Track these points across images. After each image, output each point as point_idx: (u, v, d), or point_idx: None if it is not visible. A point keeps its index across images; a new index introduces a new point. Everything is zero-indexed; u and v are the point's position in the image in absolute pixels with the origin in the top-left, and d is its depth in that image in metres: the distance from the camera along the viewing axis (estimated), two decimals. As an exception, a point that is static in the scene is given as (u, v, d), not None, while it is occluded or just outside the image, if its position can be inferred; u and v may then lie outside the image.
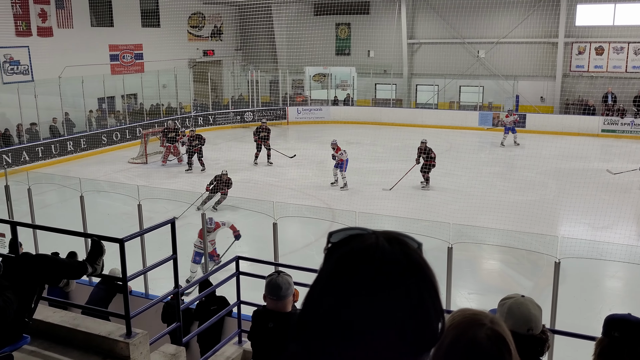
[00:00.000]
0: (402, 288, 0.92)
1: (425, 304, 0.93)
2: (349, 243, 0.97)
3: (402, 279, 0.92)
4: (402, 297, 0.91)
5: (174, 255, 4.62)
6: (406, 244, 0.97)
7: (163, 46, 24.64)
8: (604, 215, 12.62)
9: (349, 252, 0.95)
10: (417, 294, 0.93)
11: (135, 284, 8.16)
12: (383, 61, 27.76)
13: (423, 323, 0.93)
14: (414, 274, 0.94)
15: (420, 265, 0.95)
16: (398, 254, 0.94)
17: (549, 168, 17.82)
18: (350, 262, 0.94)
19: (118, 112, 23.82)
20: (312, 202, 14.15)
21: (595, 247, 8.43)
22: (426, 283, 0.95)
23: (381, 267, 0.92)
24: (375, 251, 0.93)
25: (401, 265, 0.93)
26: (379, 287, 0.91)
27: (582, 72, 24.85)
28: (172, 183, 16.73)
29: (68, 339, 4.24)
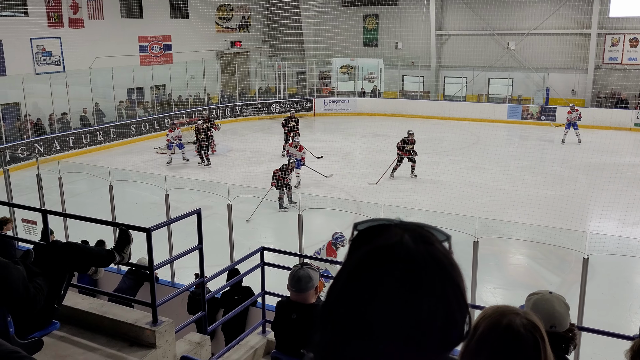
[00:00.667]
0: (424, 288, 0.89)
1: (450, 304, 0.91)
2: (373, 239, 0.94)
3: (425, 280, 0.89)
4: (424, 298, 0.89)
5: (200, 245, 4.67)
6: (431, 241, 0.94)
7: (191, 37, 24.84)
8: (635, 211, 12.35)
9: (372, 250, 0.92)
10: (440, 294, 0.90)
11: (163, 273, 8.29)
12: (411, 53, 27.52)
13: (447, 323, 0.91)
14: (438, 274, 0.91)
15: (444, 265, 0.92)
16: (422, 253, 0.91)
17: (579, 162, 17.49)
18: (372, 261, 0.92)
19: (147, 102, 24.12)
20: (337, 194, 14.14)
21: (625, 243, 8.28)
22: (451, 283, 0.92)
23: (404, 267, 0.89)
24: (399, 250, 0.91)
25: (425, 265, 0.90)
26: (401, 287, 0.89)
27: (616, 64, 24.28)
28: (199, 173, 16.89)
29: (96, 325, 4.33)
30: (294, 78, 28.70)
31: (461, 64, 26.53)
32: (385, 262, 0.90)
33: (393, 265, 0.90)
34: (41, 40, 20.64)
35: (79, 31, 21.59)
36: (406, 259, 0.90)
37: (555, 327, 2.39)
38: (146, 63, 24.30)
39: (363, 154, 19.62)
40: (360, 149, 20.28)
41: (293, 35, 29.01)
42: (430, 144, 20.67)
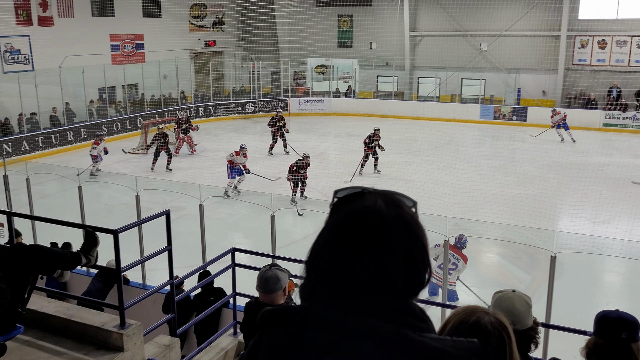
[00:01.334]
0: (395, 245, 1.05)
1: (415, 258, 1.07)
2: (350, 203, 1.10)
3: (396, 238, 1.06)
4: (394, 253, 1.05)
5: (169, 246, 4.62)
6: (401, 205, 1.10)
7: (164, 36, 24.59)
8: (603, 209, 12.62)
9: (350, 212, 1.08)
10: (408, 250, 1.06)
11: (134, 275, 8.19)
12: (385, 53, 27.66)
13: (412, 274, 1.07)
14: (406, 233, 1.07)
15: (411, 226, 1.08)
16: (393, 215, 1.07)
17: (549, 162, 17.78)
18: (349, 220, 1.07)
19: (119, 102, 23.80)
20: (311, 194, 14.14)
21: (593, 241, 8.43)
22: (416, 241, 1.08)
23: (378, 227, 1.05)
24: (373, 212, 1.06)
25: (395, 225, 1.06)
26: (375, 244, 1.04)
27: (585, 65, 24.75)
28: (172, 174, 16.72)
29: (62, 329, 4.25)
30: (268, 78, 28.62)
31: (434, 64, 26.77)
32: (362, 223, 1.06)
33: (368, 225, 1.05)
34: (9, 39, 20.21)
35: (48, 29, 21.21)
36: (379, 220, 1.06)
37: (515, 324, 2.43)
38: (118, 62, 23.97)
39: (337, 154, 19.67)
40: (335, 149, 20.32)
41: (267, 35, 28.93)
42: (404, 143, 20.81)
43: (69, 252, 3.94)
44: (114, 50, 24.10)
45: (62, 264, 3.87)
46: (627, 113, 22.85)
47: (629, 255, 8.20)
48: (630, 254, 8.28)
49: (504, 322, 1.45)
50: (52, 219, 4.55)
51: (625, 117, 22.85)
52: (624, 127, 22.75)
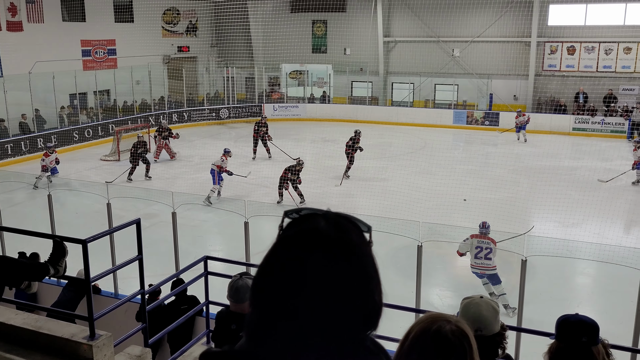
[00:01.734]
0: (341, 271, 0.99)
1: (363, 285, 1.01)
2: (298, 225, 1.04)
3: (340, 262, 0.99)
4: (339, 278, 0.99)
5: (140, 255, 4.56)
6: (349, 229, 1.04)
7: (137, 42, 24.33)
8: (573, 212, 12.83)
9: (294, 235, 1.02)
10: (356, 276, 1.00)
11: (106, 284, 8.06)
12: (359, 59, 27.81)
13: (361, 302, 1.01)
14: (351, 257, 1.01)
15: (355, 252, 1.02)
16: (340, 239, 1.01)
17: (521, 166, 18.05)
18: (290, 245, 1.02)
19: (90, 108, 23.48)
20: (286, 200, 14.11)
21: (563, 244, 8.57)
22: (362, 268, 1.02)
23: (322, 251, 0.99)
24: (318, 235, 1.00)
25: (340, 249, 1.00)
26: (319, 269, 0.98)
27: (554, 71, 25.23)
28: (144, 181, 16.53)
29: (30, 341, 4.15)
30: (242, 83, 28.54)
31: (408, 70, 27.02)
32: (301, 246, 1.00)
33: (307, 249, 0.99)
34: (-23, 44, 19.82)
35: (17, 35, 20.83)
36: (325, 243, 1.00)
37: (481, 330, 2.45)
38: (89, 68, 23.65)
39: (313, 159, 19.66)
40: (310, 155, 20.30)
41: (242, 40, 28.86)
42: (379, 149, 20.92)
43: (36, 263, 3.87)
44: (85, 55, 23.78)
45: (29, 275, 3.79)
46: (595, 118, 23.33)
47: (598, 258, 8.36)
48: (600, 256, 8.43)
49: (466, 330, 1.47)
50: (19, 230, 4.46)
51: (594, 122, 23.33)
52: (592, 132, 23.21)
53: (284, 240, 1.04)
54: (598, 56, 24.49)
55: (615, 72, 24.29)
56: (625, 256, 7.30)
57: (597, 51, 24.46)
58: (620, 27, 23.70)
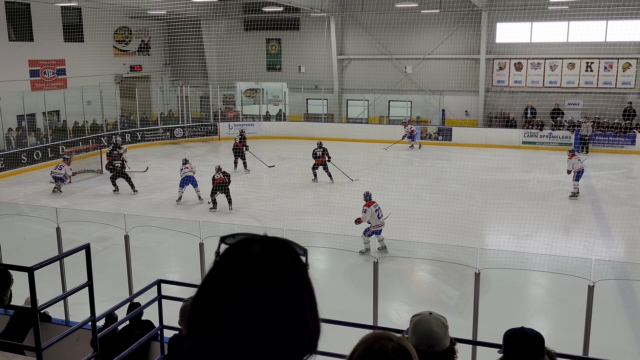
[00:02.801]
0: (272, 295, 0.99)
1: (295, 308, 1.01)
2: (233, 250, 1.04)
3: (273, 287, 0.99)
4: (272, 304, 0.99)
5: (90, 282, 4.44)
6: (283, 253, 1.04)
7: (87, 61, 23.87)
8: (525, 224, 13.17)
9: (228, 261, 1.03)
10: (288, 299, 1.00)
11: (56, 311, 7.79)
12: (314, 76, 28.03)
13: (297, 327, 1.00)
14: (285, 282, 1.01)
15: (289, 274, 1.02)
16: (265, 263, 1.01)
17: (473, 179, 18.43)
18: (228, 271, 1.02)
19: (39, 130, 22.84)
20: (243, 219, 14.01)
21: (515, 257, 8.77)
22: (296, 291, 1.02)
23: (255, 276, 0.99)
24: (251, 261, 1.01)
25: (273, 273, 1.00)
26: (253, 295, 0.98)
27: (503, 87, 26.00)
28: (96, 203, 16.14)
29: (-27, 376, 3.97)
30: (197, 102, 28.34)
31: (362, 87, 27.38)
32: (234, 273, 1.00)
33: (240, 276, 1.00)
34: None
35: (-40, 55, 20.19)
36: (252, 269, 1.00)
37: (433, 347, 2.48)
38: (38, 88, 23.05)
39: (269, 177, 19.62)
40: (267, 173, 20.27)
41: (195, 59, 28.70)
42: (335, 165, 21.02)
43: (-22, 294, 3.71)
44: (33, 76, 23.17)
45: (-29, 307, 3.63)
46: (543, 131, 24.09)
47: (550, 269, 8.58)
48: (551, 267, 8.66)
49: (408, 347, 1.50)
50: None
51: (542, 135, 24.09)
52: (541, 145, 23.95)
53: (218, 266, 1.04)
54: (544, 72, 25.39)
55: (560, 87, 25.22)
56: (575, 266, 7.52)
57: (542, 67, 25.36)
58: (564, 44, 24.68)
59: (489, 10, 24.86)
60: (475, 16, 25.07)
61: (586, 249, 11.73)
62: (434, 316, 2.57)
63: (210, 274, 1.04)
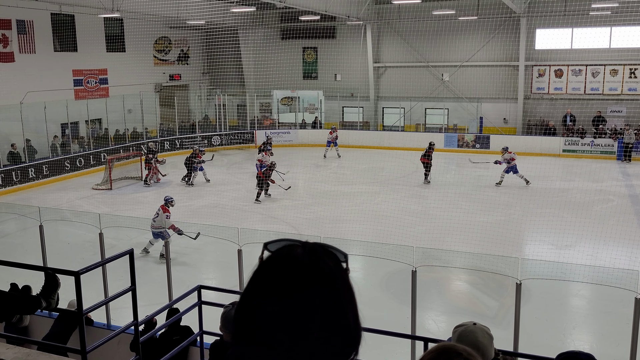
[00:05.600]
0: (313, 297, 1.01)
1: (341, 313, 1.03)
2: (276, 255, 1.07)
3: (315, 290, 1.02)
4: (316, 306, 1.01)
5: (133, 286, 4.52)
6: (321, 256, 1.06)
7: (128, 71, 24.46)
8: (566, 234, 12.87)
9: (272, 264, 1.06)
10: (332, 304, 1.02)
11: (99, 315, 7.96)
12: (350, 84, 28.07)
13: (340, 330, 1.03)
14: (329, 286, 1.03)
15: (332, 277, 1.04)
16: (309, 266, 1.03)
17: (512, 188, 18.12)
18: (272, 275, 1.04)
19: (82, 137, 23.46)
20: (279, 226, 14.08)
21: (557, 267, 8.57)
22: (339, 296, 1.04)
23: (299, 279, 1.02)
24: (295, 264, 1.03)
25: (316, 276, 1.03)
26: (297, 298, 1.00)
27: (543, 94, 25.53)
28: (137, 209, 16.46)
29: (21, 376, 4.08)
30: (234, 110, 28.67)
31: (399, 94, 27.25)
32: (278, 276, 1.03)
33: (285, 279, 1.02)
34: (-32, 75, 19.84)
35: (9, 65, 20.89)
36: (296, 272, 1.02)
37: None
38: (81, 97, 23.70)
39: (305, 184, 19.69)
40: (302, 180, 20.34)
41: (233, 67, 29.09)
42: (371, 173, 20.99)
43: (28, 296, 3.82)
44: (76, 85, 23.85)
45: (21, 309, 3.74)
46: (585, 139, 23.54)
47: (593, 280, 8.35)
48: (594, 278, 8.42)
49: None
50: (10, 262, 4.42)
51: (584, 143, 23.54)
52: (582, 153, 23.41)
53: (264, 270, 1.06)
54: (585, 79, 24.84)
55: (602, 94, 24.63)
56: (619, 277, 7.31)
57: (584, 74, 24.82)
58: (606, 50, 24.11)
59: (528, 16, 24.50)
60: (514, 22, 24.72)
61: (631, 260, 11.40)
62: (478, 327, 2.53)
63: (256, 278, 1.07)
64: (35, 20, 21.57)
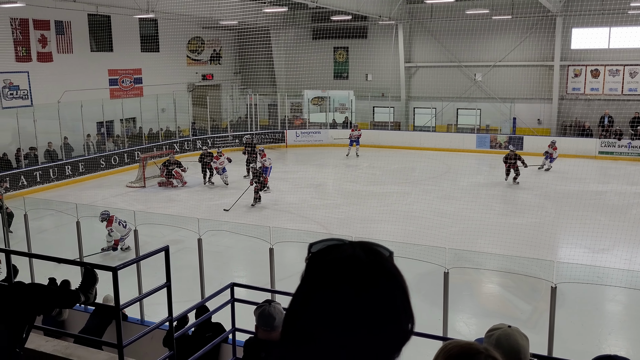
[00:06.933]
0: (376, 294, 1.01)
1: (397, 308, 1.03)
2: (328, 254, 1.06)
3: (377, 286, 1.02)
4: (375, 302, 1.01)
5: (168, 282, 4.59)
6: (381, 254, 1.06)
7: (162, 70, 24.84)
8: (602, 237, 12.59)
9: (328, 263, 1.04)
10: (389, 299, 1.02)
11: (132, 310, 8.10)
12: (381, 84, 27.97)
13: (394, 325, 1.03)
14: (388, 281, 1.04)
15: (392, 273, 1.05)
16: (373, 263, 1.04)
17: (546, 190, 17.81)
18: (329, 272, 1.03)
19: (117, 136, 23.91)
20: (310, 225, 14.12)
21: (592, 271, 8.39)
22: (398, 289, 1.04)
23: (359, 278, 1.01)
24: (353, 261, 1.03)
25: (376, 273, 1.03)
26: (355, 294, 1.00)
27: (579, 94, 25.02)
28: (170, 207, 16.70)
29: (60, 368, 4.19)
30: (265, 110, 28.85)
31: (430, 95, 27.03)
32: (341, 274, 1.02)
33: (348, 275, 1.01)
34: (8, 75, 20.40)
35: (47, 65, 21.42)
36: (360, 269, 1.02)
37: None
38: (116, 96, 24.16)
39: (335, 184, 19.69)
40: (333, 180, 20.35)
41: (264, 67, 29.27)
42: (402, 173, 20.88)
43: (67, 291, 3.91)
44: (112, 84, 24.33)
45: (60, 303, 3.84)
46: (622, 141, 23.00)
47: (629, 285, 8.16)
48: (630, 283, 8.23)
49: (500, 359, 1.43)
50: (51, 257, 4.54)
51: (621, 145, 23.01)
52: (619, 155, 22.88)
53: (317, 269, 1.05)
54: (623, 79, 24.26)
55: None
56: (657, 283, 7.12)
57: (621, 74, 24.24)
58: (645, 50, 23.51)
59: (564, 15, 24.04)
60: (550, 22, 24.29)
61: (670, 265, 11.09)
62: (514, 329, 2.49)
63: (309, 277, 1.05)
64: (72, 21, 22.07)
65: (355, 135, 24.20)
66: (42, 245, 11.53)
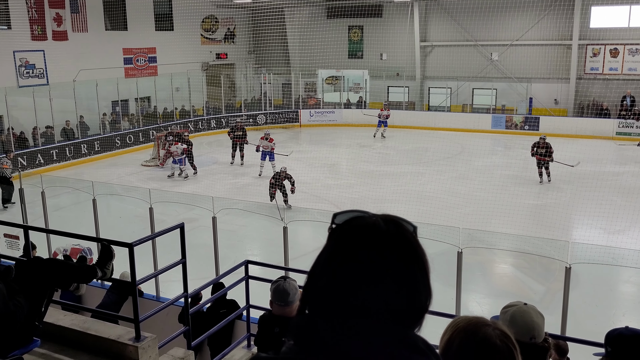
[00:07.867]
0: (396, 265, 1.01)
1: (417, 281, 1.02)
2: (350, 222, 1.06)
3: (397, 257, 1.01)
4: (396, 274, 1.01)
5: (183, 259, 4.65)
6: (402, 226, 1.06)
7: (176, 49, 24.83)
8: (618, 219, 12.49)
9: (350, 231, 1.04)
10: (409, 271, 1.02)
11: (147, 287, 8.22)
12: (395, 64, 27.72)
13: (413, 298, 1.02)
14: (408, 253, 1.03)
15: (413, 246, 1.04)
16: (394, 234, 1.03)
17: (562, 171, 17.65)
18: (350, 240, 1.03)
19: (132, 115, 24.03)
20: (323, 205, 14.14)
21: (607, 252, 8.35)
22: (418, 262, 1.04)
23: (378, 246, 1.01)
24: (374, 230, 1.03)
25: (397, 244, 1.02)
26: (375, 263, 1.00)
27: (597, 74, 24.63)
28: (185, 185, 16.82)
29: (78, 342, 4.28)
30: (279, 89, 28.78)
31: (445, 74, 26.76)
32: (362, 241, 1.02)
33: (369, 244, 1.02)
34: (24, 53, 20.51)
35: (62, 44, 21.49)
36: (380, 238, 1.02)
37: (535, 338, 2.41)
38: (131, 75, 24.21)
39: (349, 164, 19.68)
40: (346, 160, 20.34)
41: (278, 46, 29.10)
42: (416, 154, 20.81)
43: (85, 266, 3.98)
44: (127, 63, 24.37)
45: (78, 278, 3.91)
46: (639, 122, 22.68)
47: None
48: (645, 264, 8.18)
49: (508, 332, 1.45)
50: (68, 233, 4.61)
51: (639, 126, 22.67)
52: (637, 136, 22.56)
53: (340, 237, 1.05)
54: (643, 58, 23.82)
55: (661, 74, 23.60)
56: (673, 264, 7.07)
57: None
58: (666, 29, 23.03)
59: (583, -7, 23.57)
60: (568, 0, 23.84)
61: (686, 247, 10.98)
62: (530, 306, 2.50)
63: (332, 245, 1.06)
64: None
65: (384, 115, 23.67)
66: (59, 222, 11.68)
